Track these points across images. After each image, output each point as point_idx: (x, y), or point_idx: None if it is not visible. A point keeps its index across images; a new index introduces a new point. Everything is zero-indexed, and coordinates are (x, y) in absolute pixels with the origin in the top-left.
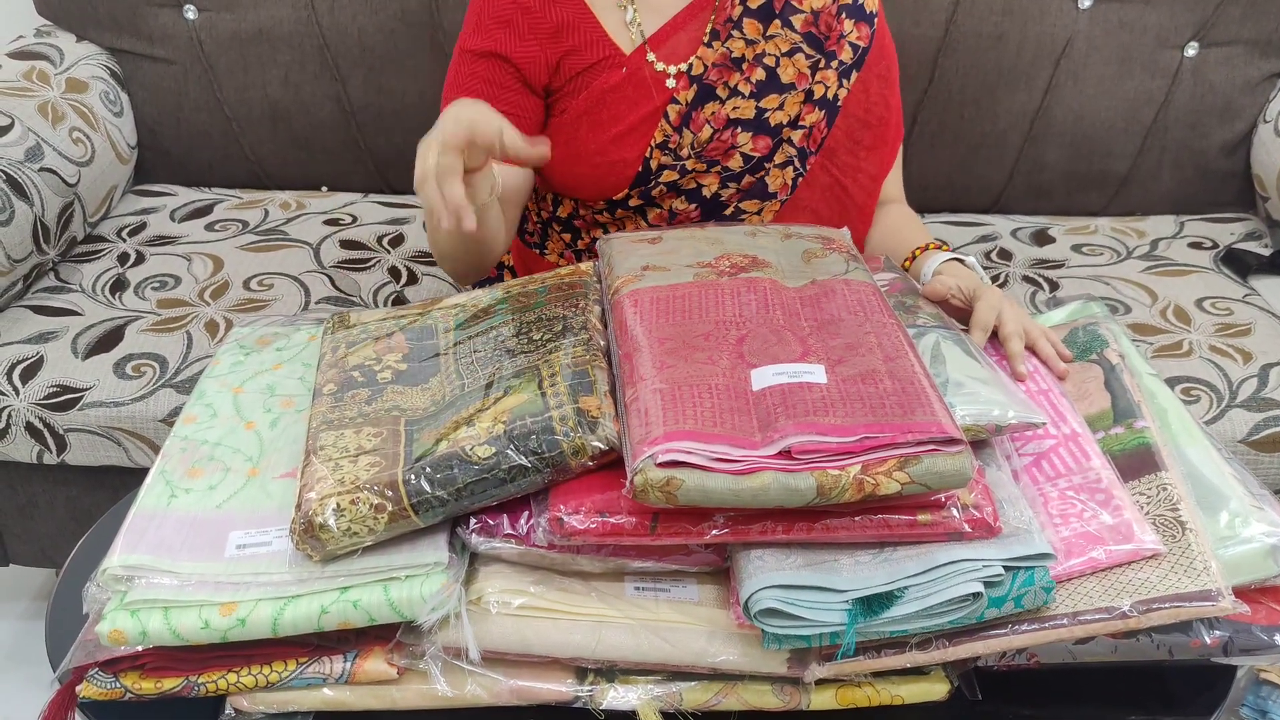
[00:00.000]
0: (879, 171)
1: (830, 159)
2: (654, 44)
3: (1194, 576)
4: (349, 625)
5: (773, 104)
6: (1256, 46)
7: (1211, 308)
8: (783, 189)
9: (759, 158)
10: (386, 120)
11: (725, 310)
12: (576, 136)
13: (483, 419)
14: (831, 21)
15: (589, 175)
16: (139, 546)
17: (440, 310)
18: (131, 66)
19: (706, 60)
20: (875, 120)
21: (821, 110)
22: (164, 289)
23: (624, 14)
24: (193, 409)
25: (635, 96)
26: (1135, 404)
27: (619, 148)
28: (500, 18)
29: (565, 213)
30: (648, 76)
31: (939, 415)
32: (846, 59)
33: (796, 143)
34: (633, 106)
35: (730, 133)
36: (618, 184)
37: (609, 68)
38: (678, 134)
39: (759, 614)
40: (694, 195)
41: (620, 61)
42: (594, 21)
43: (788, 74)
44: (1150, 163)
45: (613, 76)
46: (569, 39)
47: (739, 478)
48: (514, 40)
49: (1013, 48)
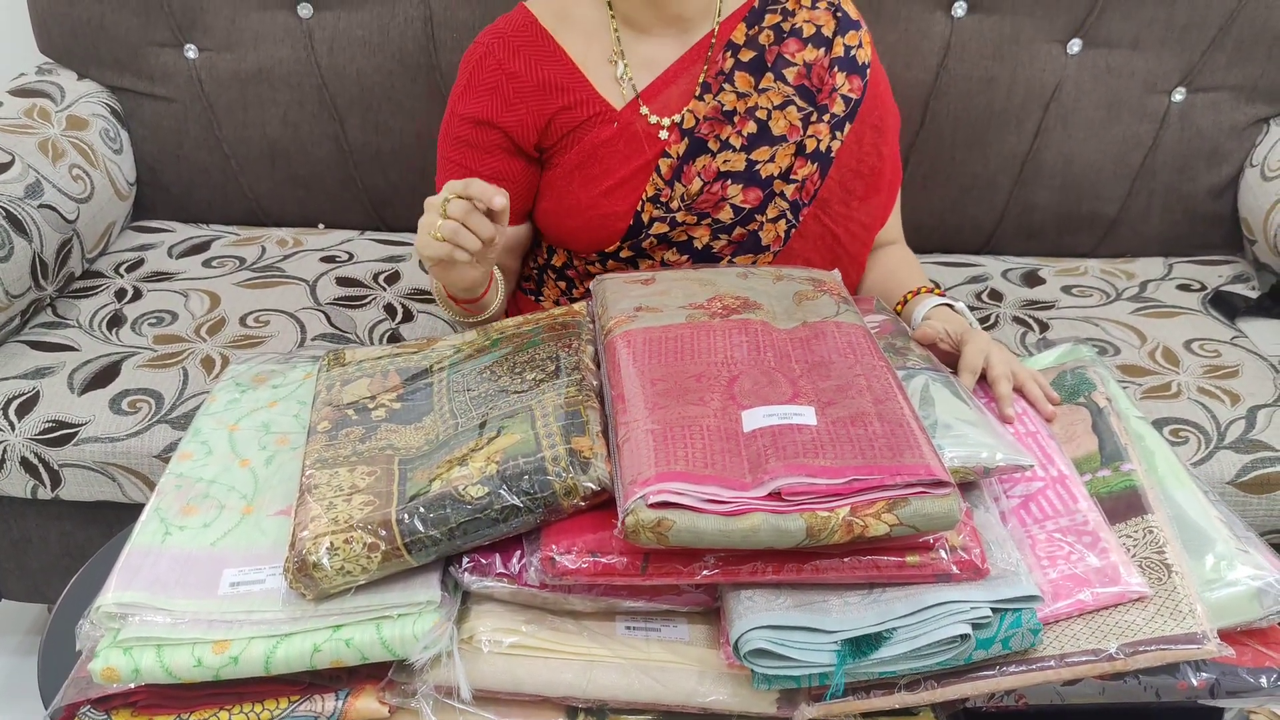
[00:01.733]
0: (871, 221)
1: (823, 209)
2: (646, 97)
3: (1179, 619)
4: (341, 664)
5: (763, 156)
6: (1242, 92)
7: (1200, 349)
8: (775, 241)
9: (749, 209)
10: (384, 159)
11: (717, 352)
12: (569, 190)
13: (476, 459)
14: (824, 74)
15: (581, 228)
16: (133, 584)
17: (435, 350)
18: (132, 104)
19: (698, 113)
20: (868, 170)
21: (814, 163)
22: (161, 325)
23: (614, 69)
24: (188, 446)
25: (627, 151)
26: (1122, 447)
27: (610, 201)
28: (487, 84)
29: (559, 262)
30: (639, 130)
31: (927, 458)
32: (839, 111)
33: (789, 196)
34: (624, 160)
35: (720, 185)
36: (609, 237)
37: (600, 123)
38: (669, 187)
39: (749, 654)
40: (685, 247)
41: (612, 117)
42: (583, 80)
43: (779, 126)
44: (1139, 205)
45: (604, 131)
46: (559, 99)
47: (729, 519)
48: (500, 107)
49: (1003, 92)
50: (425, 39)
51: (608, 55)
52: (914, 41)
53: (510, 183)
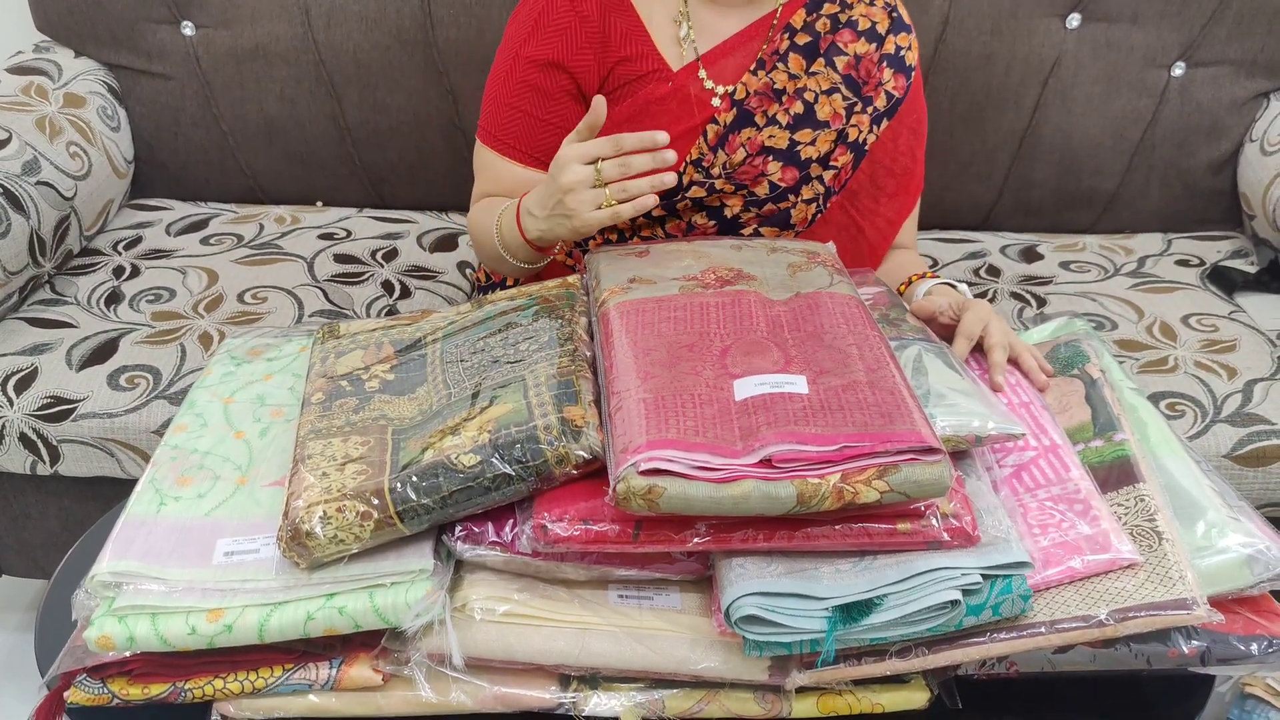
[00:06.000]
0: (896, 217)
1: (851, 201)
2: (706, 62)
3: (1170, 586)
4: (335, 632)
5: (806, 138)
6: (1242, 66)
7: (1198, 324)
8: (802, 221)
9: (785, 188)
10: (381, 136)
11: (710, 322)
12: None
13: (468, 428)
14: (872, 68)
15: None
16: (128, 553)
17: (429, 321)
18: (129, 82)
19: (750, 87)
20: (900, 170)
21: (851, 153)
22: (158, 302)
23: (678, 29)
24: (183, 418)
25: (678, 111)
26: (1115, 417)
27: None
28: (558, 25)
29: None
30: (692, 94)
31: (918, 425)
32: (881, 106)
33: (826, 181)
34: (675, 120)
35: (762, 159)
36: None
37: (656, 80)
38: (713, 153)
39: (740, 621)
40: (715, 213)
41: (667, 76)
42: (646, 35)
43: (824, 111)
44: (1138, 181)
45: (659, 89)
46: (622, 49)
47: (720, 486)
48: (571, 49)
49: (1001, 67)
50: (422, 15)
51: (673, 15)
52: (912, 16)
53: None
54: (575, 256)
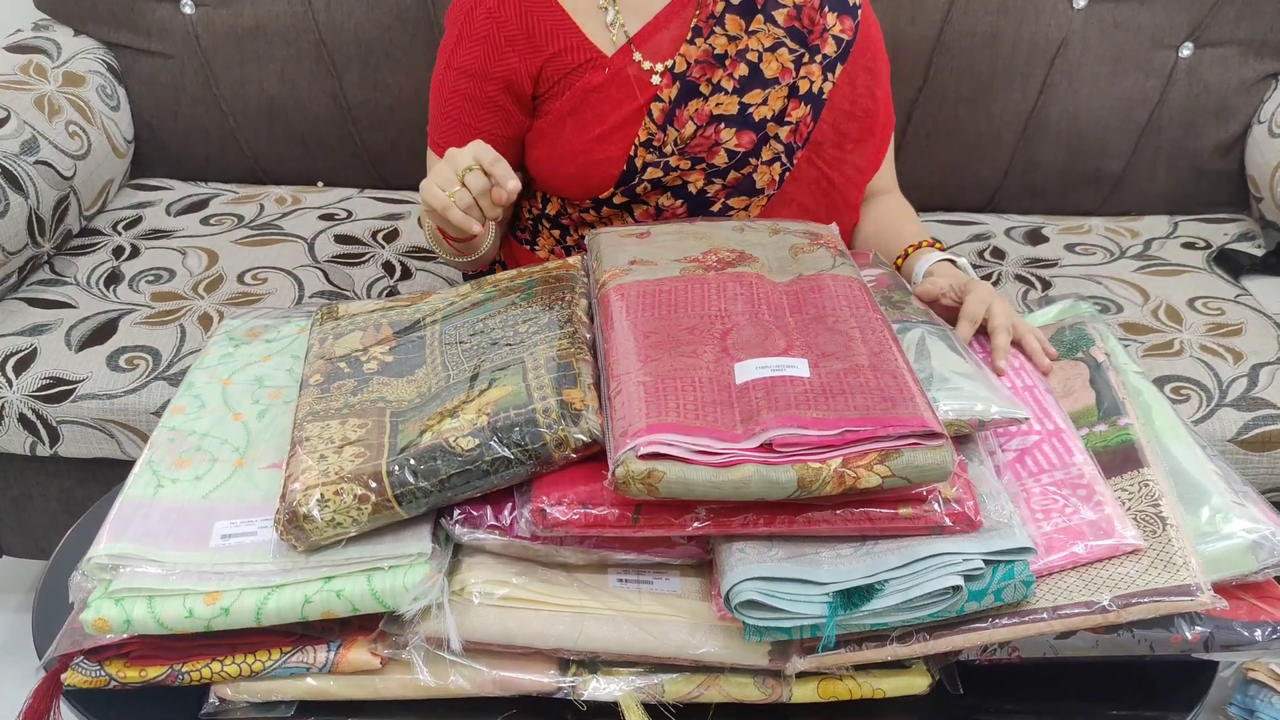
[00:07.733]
0: (866, 164)
1: (816, 153)
2: (638, 42)
3: (1173, 571)
4: (332, 615)
5: (756, 99)
6: (1251, 47)
7: (1203, 307)
8: (769, 184)
9: (743, 153)
10: (382, 116)
11: (711, 305)
12: (561, 138)
13: (467, 411)
14: (814, 15)
15: (574, 174)
16: (124, 535)
17: (428, 302)
18: (129, 61)
19: (689, 57)
20: (861, 113)
21: (807, 105)
22: (158, 282)
23: (604, 15)
24: (181, 400)
25: (619, 96)
26: (1119, 401)
27: (603, 146)
28: (479, 34)
29: (554, 210)
30: (631, 76)
31: (921, 409)
32: (830, 53)
33: (784, 138)
34: (616, 106)
35: (714, 129)
36: (603, 183)
37: (591, 69)
38: (661, 131)
39: (740, 605)
40: (680, 192)
41: (603, 63)
42: (573, 26)
43: (771, 69)
44: (1145, 163)
45: (595, 77)
46: (550, 45)
47: (720, 470)
48: (493, 56)
49: (1007, 47)
50: None
51: (598, 2)
52: None
53: (509, 134)
54: (558, 253)
